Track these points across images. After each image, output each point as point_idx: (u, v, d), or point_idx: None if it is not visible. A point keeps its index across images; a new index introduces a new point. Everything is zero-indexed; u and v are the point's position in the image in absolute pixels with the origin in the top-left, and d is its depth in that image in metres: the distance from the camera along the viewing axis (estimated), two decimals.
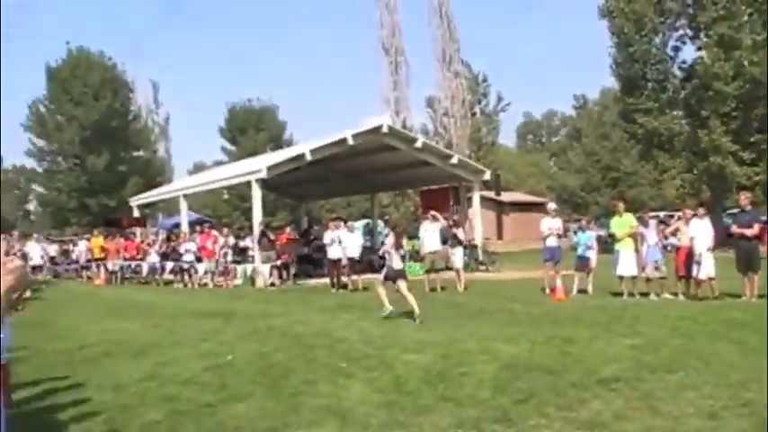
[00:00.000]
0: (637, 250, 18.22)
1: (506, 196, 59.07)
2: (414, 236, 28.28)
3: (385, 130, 29.88)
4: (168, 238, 33.61)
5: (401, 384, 8.70)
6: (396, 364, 9.95)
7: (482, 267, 29.68)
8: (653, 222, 18.90)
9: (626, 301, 17.09)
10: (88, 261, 34.25)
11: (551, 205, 22.37)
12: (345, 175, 36.06)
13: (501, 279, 25.28)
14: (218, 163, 68.18)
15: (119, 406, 8.18)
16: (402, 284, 15.35)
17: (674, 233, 18.20)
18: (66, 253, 39.05)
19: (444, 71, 57.65)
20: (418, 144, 31.35)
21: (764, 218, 20.00)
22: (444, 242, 22.63)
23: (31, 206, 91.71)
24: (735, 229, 17.40)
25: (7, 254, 22.09)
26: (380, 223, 39.92)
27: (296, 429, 7.01)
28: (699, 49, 42.66)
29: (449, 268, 22.78)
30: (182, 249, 29.02)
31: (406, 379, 8.96)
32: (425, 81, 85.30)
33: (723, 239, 20.81)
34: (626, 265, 18.02)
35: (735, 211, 26.19)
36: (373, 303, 18.16)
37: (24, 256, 29.39)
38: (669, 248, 18.46)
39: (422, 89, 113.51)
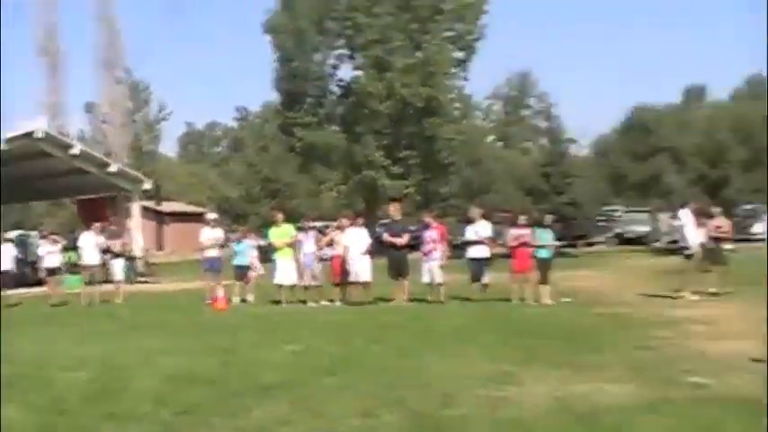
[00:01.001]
0: (296, 259, 18.82)
1: (167, 206, 58.44)
2: (71, 248, 27.14)
3: (40, 135, 28.50)
4: None
5: (59, 404, 8.36)
6: (54, 382, 9.54)
7: (142, 279, 29.14)
8: (311, 232, 19.63)
9: (286, 308, 17.61)
10: None
11: (211, 215, 22.50)
12: None
13: (162, 290, 25.03)
14: None
15: None
16: None
17: (329, 243, 19.00)
18: None
19: (105, 77, 55.89)
20: (75, 151, 30.22)
21: (413, 228, 21.51)
22: (104, 253, 21.97)
23: None
24: (386, 237, 18.58)
25: None
26: (34, 234, 37.85)
27: None
28: (356, 68, 44.95)
29: (108, 281, 22.13)
30: None
31: (64, 398, 8.62)
32: (85, 85, 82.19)
33: (376, 247, 22.06)
34: (285, 273, 18.56)
35: (386, 221, 27.84)
36: (28, 318, 17.35)
37: None
38: (325, 258, 19.23)
39: (81, 94, 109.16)
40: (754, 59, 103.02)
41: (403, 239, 18.44)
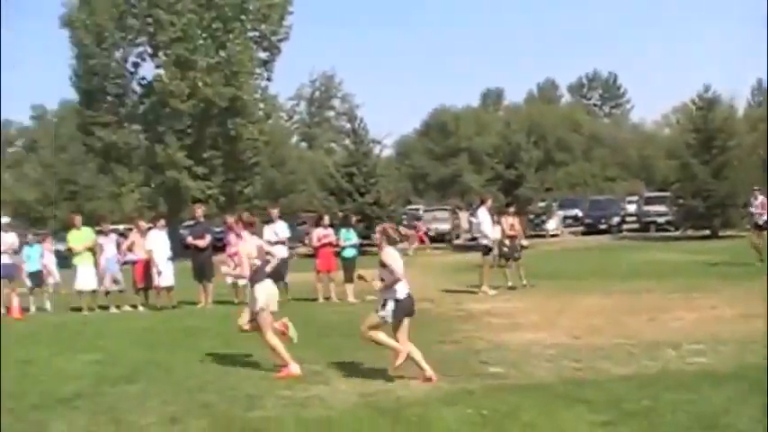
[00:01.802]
0: (96, 264, 18.30)
1: None
2: None
3: None
4: None
5: None
6: None
7: None
8: (112, 235, 19.14)
9: (87, 315, 17.12)
10: None
11: (4, 219, 21.50)
12: None
13: None
14: None
15: None
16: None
17: (130, 248, 18.54)
18: None
19: None
20: None
21: (217, 229, 21.40)
22: None
23: None
24: (190, 240, 18.41)
25: None
26: None
27: None
28: (158, 66, 44.02)
29: None
30: None
31: None
32: None
33: (180, 250, 21.76)
34: (85, 279, 17.99)
35: (191, 222, 27.45)
36: None
37: None
38: (127, 262, 18.75)
39: None
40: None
41: (205, 241, 18.32)
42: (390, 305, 8.86)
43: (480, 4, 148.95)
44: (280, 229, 18.33)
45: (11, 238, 19.67)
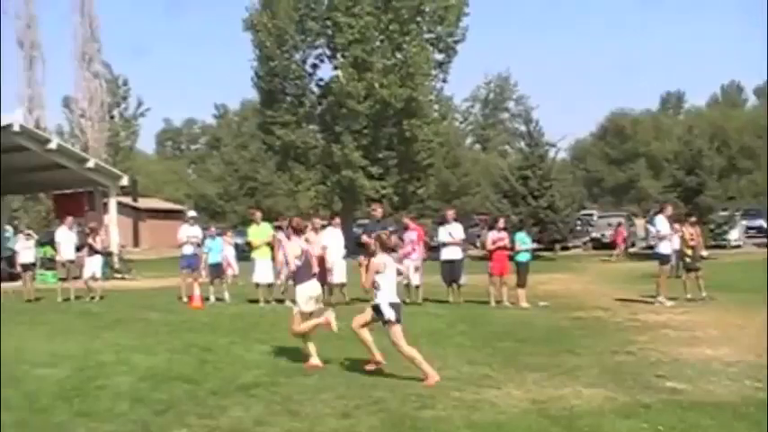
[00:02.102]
0: (273, 258, 18.76)
1: (144, 203, 57.98)
2: (46, 242, 26.97)
3: (16, 128, 28.22)
4: None
5: (33, 401, 8.30)
6: (27, 379, 9.47)
7: (118, 276, 28.95)
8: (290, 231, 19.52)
9: (263, 308, 17.53)
10: None
11: (190, 213, 22.34)
12: None
13: (138, 287, 24.85)
14: None
15: None
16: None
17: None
18: None
19: (83, 71, 55.44)
20: (52, 145, 29.91)
21: (392, 228, 21.42)
22: (79, 249, 21.79)
23: None
24: (365, 238, 18.50)
25: None
26: (9, 228, 37.55)
27: None
28: (335, 68, 44.91)
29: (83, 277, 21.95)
30: None
31: (38, 395, 8.55)
32: (63, 79, 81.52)
33: (353, 248, 22.00)
34: (262, 272, 18.48)
35: (365, 221, 27.79)
36: (6, 314, 17.20)
37: None
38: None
39: (59, 88, 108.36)
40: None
41: None
42: (386, 307, 9.24)
43: (662, 4, 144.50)
44: (455, 231, 18.25)
45: (196, 231, 20.46)
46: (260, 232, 18.98)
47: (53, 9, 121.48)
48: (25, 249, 22.35)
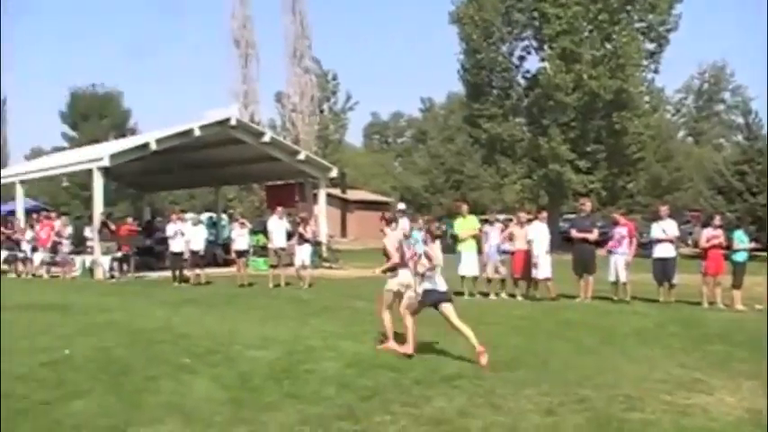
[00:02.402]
0: (480, 251, 18.68)
1: (351, 194, 59.57)
2: (259, 231, 28.09)
3: (233, 122, 29.60)
4: (3, 226, 32.09)
5: (246, 381, 8.64)
6: (240, 360, 9.88)
7: (326, 264, 29.74)
8: (498, 224, 19.38)
9: (467, 300, 17.46)
10: None
11: (400, 205, 22.57)
12: (190, 166, 35.36)
13: (345, 276, 25.44)
14: (58, 149, 65.67)
15: None
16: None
17: (509, 238, 18.67)
18: None
19: (294, 67, 57.48)
20: (266, 138, 31.13)
21: (601, 223, 20.87)
22: (290, 238, 22.55)
23: None
24: (575, 233, 18.11)
25: None
26: (224, 217, 39.45)
27: (138, 427, 6.83)
28: (542, 60, 44.35)
29: (292, 264, 22.69)
30: (17, 238, 27.82)
31: (250, 375, 8.90)
32: (275, 76, 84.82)
33: (559, 243, 21.64)
34: (468, 265, 18.44)
35: (571, 216, 27.23)
36: (216, 298, 18.04)
37: None
38: (505, 252, 18.88)
39: (271, 83, 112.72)
40: None
41: (593, 234, 17.90)
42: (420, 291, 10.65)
43: None
44: (668, 227, 17.52)
45: (403, 223, 20.61)
46: (466, 225, 18.95)
47: (265, 8, 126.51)
48: (239, 237, 23.41)
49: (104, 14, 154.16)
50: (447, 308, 10.29)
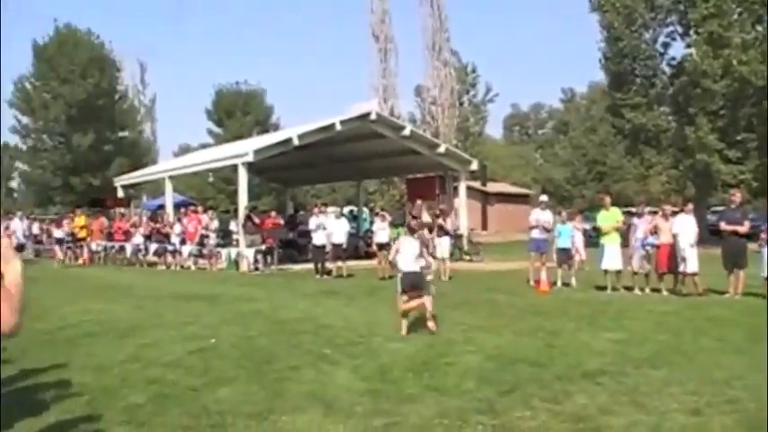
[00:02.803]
0: (626, 244, 18.22)
1: (492, 187, 59.13)
2: (400, 224, 28.24)
3: (373, 117, 29.84)
4: (153, 220, 33.43)
5: (386, 372, 8.68)
6: (381, 352, 9.94)
7: (467, 257, 29.65)
8: (647, 216, 18.84)
9: (610, 295, 17.08)
10: (70, 240, 33.97)
11: (543, 197, 22.21)
12: (332, 160, 35.94)
13: (485, 270, 25.25)
14: (204, 145, 67.85)
15: (101, 387, 8.12)
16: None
17: (653, 231, 18.10)
18: (49, 232, 38.83)
19: (433, 60, 57.55)
20: (406, 132, 31.27)
21: (753, 216, 19.92)
22: (430, 231, 22.53)
23: (14, 184, 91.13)
24: (724, 225, 17.35)
25: None
26: (365, 210, 39.91)
27: (280, 415, 6.95)
28: (688, 46, 42.77)
29: (434, 257, 22.69)
30: (166, 231, 28.92)
31: (390, 367, 8.94)
32: (414, 69, 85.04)
33: (707, 236, 20.86)
34: (611, 258, 17.97)
35: (720, 208, 26.21)
36: (357, 290, 18.23)
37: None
38: (649, 245, 18.31)
39: (410, 77, 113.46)
40: None
41: (744, 227, 17.10)
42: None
43: None
44: None
45: (546, 216, 20.24)
46: (610, 217, 18.50)
47: (403, 2, 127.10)
48: (380, 230, 23.59)
49: (246, 13, 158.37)
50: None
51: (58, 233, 34.62)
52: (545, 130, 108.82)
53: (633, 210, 18.93)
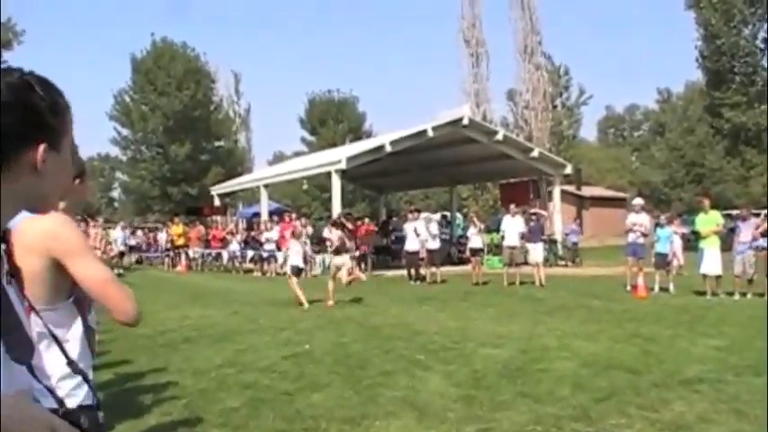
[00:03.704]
0: (727, 248, 17.75)
1: (587, 191, 58.23)
2: (494, 229, 28.10)
3: (465, 122, 29.77)
4: (249, 228, 34.00)
5: (479, 379, 8.62)
6: (474, 357, 9.88)
7: (562, 262, 29.33)
8: (753, 219, 18.32)
9: (710, 300, 16.64)
10: (168, 249, 34.81)
11: (637, 201, 21.78)
12: (424, 166, 35.95)
13: (581, 275, 24.91)
14: (298, 153, 68.70)
15: (198, 391, 8.28)
16: None
17: (763, 234, 17.57)
18: (152, 240, 39.92)
19: (525, 63, 57.11)
20: (499, 137, 31.11)
21: None
22: (524, 236, 22.35)
23: (115, 194, 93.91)
24: None
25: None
26: (459, 216, 39.77)
27: (373, 421, 6.97)
28: None
29: (527, 262, 22.51)
30: (262, 238, 29.34)
31: (483, 373, 8.88)
32: (506, 73, 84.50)
33: None
34: (710, 263, 17.50)
35: None
36: (451, 295, 18.19)
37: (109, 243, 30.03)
38: (759, 249, 17.78)
39: (502, 81, 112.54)
40: None
41: None
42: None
43: None
44: None
45: (642, 219, 19.82)
46: (708, 221, 18.02)
47: (494, 5, 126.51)
48: (474, 235, 23.48)
49: (337, 21, 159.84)
50: None
51: (161, 242, 35.60)
52: (641, 131, 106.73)
53: (733, 213, 18.37)
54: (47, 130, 1.54)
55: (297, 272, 17.54)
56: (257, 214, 36.98)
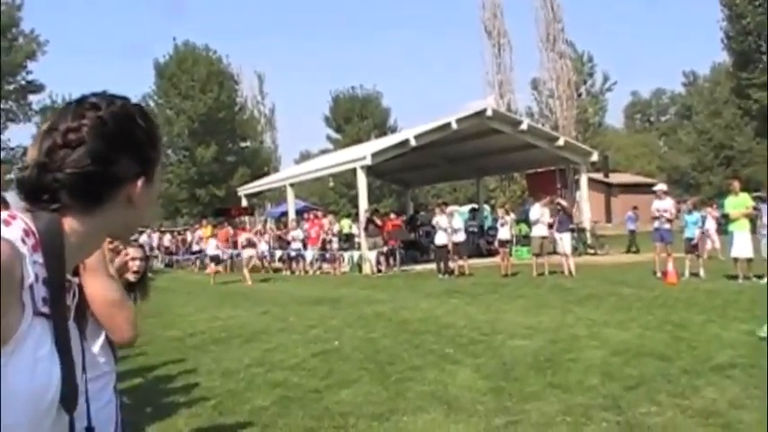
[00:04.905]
0: (754, 231, 17.54)
1: (614, 178, 57.99)
2: (522, 220, 27.98)
3: (489, 113, 29.65)
4: (276, 227, 34.10)
5: (508, 371, 8.58)
6: (503, 349, 9.85)
7: (590, 251, 29.15)
8: None
9: (741, 284, 16.45)
10: (197, 251, 34.99)
11: (660, 186, 21.60)
12: (450, 159, 35.86)
13: (610, 263, 24.72)
14: (324, 151, 68.84)
15: (227, 391, 8.32)
16: None
17: None
18: (184, 242, 40.19)
19: (548, 52, 56.87)
20: (523, 126, 30.94)
21: None
22: (551, 226, 22.22)
23: None
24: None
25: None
26: (486, 207, 39.63)
27: (402, 415, 6.96)
28: None
29: (556, 252, 22.39)
30: (289, 237, 29.41)
31: (513, 365, 8.84)
32: (529, 63, 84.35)
33: None
34: (741, 246, 17.29)
35: None
36: (480, 288, 18.15)
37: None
38: None
39: (525, 71, 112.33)
40: None
41: None
42: None
43: None
44: None
45: (666, 205, 19.68)
46: (738, 204, 17.81)
47: None
48: (502, 227, 23.40)
49: (357, 17, 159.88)
50: None
51: (195, 245, 35.86)
52: (667, 116, 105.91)
53: (764, 195, 18.12)
54: (146, 163, 1.52)
55: None
56: (285, 213, 37.09)
